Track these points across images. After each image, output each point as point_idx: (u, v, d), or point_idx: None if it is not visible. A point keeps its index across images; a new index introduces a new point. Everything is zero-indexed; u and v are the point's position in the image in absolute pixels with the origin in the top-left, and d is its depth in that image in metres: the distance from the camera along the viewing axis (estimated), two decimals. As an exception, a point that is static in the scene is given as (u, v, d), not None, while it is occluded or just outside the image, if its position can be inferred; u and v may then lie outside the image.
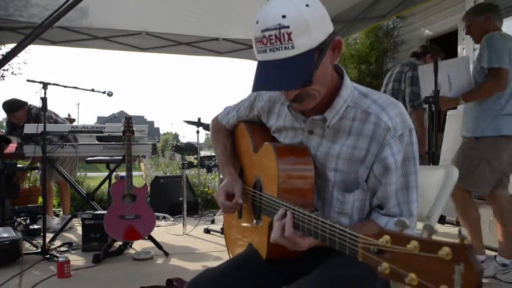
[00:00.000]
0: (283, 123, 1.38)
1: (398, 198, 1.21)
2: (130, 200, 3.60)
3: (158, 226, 4.80)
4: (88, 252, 3.70)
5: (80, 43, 5.26)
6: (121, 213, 3.55)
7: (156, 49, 5.63)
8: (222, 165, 1.58)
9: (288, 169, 1.24)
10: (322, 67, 1.14)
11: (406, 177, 1.21)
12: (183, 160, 4.81)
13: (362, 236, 0.83)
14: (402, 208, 1.21)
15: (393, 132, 1.17)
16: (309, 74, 1.09)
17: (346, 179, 1.24)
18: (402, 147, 1.18)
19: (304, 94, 1.17)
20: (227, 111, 1.65)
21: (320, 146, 1.28)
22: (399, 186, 1.21)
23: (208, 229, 4.63)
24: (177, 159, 6.23)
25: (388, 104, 1.21)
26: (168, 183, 5.96)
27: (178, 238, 4.41)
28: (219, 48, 5.73)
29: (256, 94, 1.50)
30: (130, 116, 3.86)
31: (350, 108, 1.23)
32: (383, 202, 1.24)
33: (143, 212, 3.60)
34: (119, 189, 3.60)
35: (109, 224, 3.53)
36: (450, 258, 0.64)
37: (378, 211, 1.26)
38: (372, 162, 1.21)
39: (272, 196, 1.23)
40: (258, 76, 1.13)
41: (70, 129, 4.07)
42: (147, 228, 3.64)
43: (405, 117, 1.21)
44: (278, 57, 1.08)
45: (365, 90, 1.27)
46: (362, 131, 1.21)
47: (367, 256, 0.80)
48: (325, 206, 1.28)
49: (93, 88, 3.90)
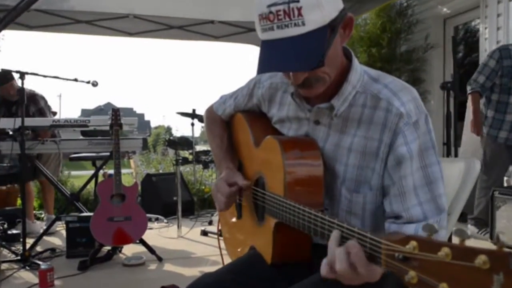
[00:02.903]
0: (286, 112, 1.38)
1: (418, 196, 1.16)
2: (119, 200, 3.60)
3: (150, 229, 4.80)
4: (73, 258, 3.70)
5: (60, 28, 5.24)
6: (109, 215, 3.56)
7: (145, 34, 5.62)
8: (218, 161, 1.57)
9: (295, 164, 1.23)
10: (333, 48, 1.13)
11: (426, 170, 1.16)
12: (176, 155, 4.81)
13: (385, 242, 0.82)
14: (425, 208, 1.15)
15: (406, 119, 1.16)
16: (322, 53, 1.08)
17: (357, 176, 1.23)
18: (417, 136, 1.16)
19: (314, 78, 1.16)
20: (224, 100, 1.65)
21: (328, 138, 1.27)
22: (418, 182, 1.16)
23: (205, 231, 4.64)
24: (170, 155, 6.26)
25: (401, 88, 1.20)
26: (161, 181, 5.96)
27: (173, 242, 4.43)
28: (215, 32, 5.71)
29: (255, 81, 1.50)
30: (118, 108, 3.85)
31: (360, 94, 1.22)
32: (398, 204, 1.17)
33: (134, 214, 3.60)
34: (107, 188, 3.60)
35: (96, 227, 3.54)
36: (487, 267, 0.63)
37: (396, 222, 1.17)
38: (386, 154, 1.18)
39: (277, 194, 1.23)
40: (264, 56, 1.12)
41: (51, 123, 4.06)
42: (138, 231, 3.64)
43: (419, 102, 1.20)
44: (287, 34, 1.07)
45: (376, 74, 1.26)
46: (373, 118, 1.20)
47: (392, 264, 0.80)
48: (334, 204, 1.28)
49: (76, 78, 3.89)
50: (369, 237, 0.88)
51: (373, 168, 1.21)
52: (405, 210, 1.16)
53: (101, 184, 3.76)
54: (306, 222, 1.09)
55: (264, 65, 1.12)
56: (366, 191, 1.23)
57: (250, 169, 1.48)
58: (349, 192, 1.24)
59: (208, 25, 5.48)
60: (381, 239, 0.84)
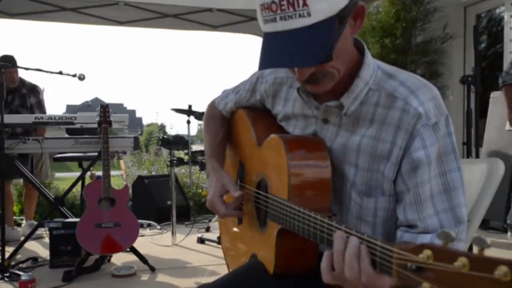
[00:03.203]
0: (292, 109, 1.38)
1: (435, 205, 1.16)
2: (108, 205, 3.60)
3: (142, 236, 4.82)
4: (57, 268, 3.70)
5: (44, 16, 5.26)
6: (97, 221, 3.56)
7: (137, 23, 5.63)
8: (206, 158, 1.59)
9: (301, 165, 1.24)
10: (343, 40, 1.13)
11: (445, 177, 1.16)
12: (171, 156, 4.81)
13: (397, 250, 0.82)
14: (443, 218, 1.15)
15: (425, 120, 1.15)
16: (329, 47, 1.08)
17: (368, 180, 1.23)
18: (436, 139, 1.16)
19: (321, 73, 1.16)
20: (226, 94, 1.66)
21: (336, 138, 1.28)
22: (436, 189, 1.16)
23: (202, 239, 4.65)
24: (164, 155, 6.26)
25: (419, 86, 1.20)
26: (154, 184, 5.99)
27: (166, 250, 4.43)
28: (213, 21, 5.72)
29: (258, 75, 1.51)
30: (107, 104, 3.86)
31: (373, 92, 1.22)
32: (413, 213, 1.17)
33: (124, 219, 3.60)
34: (95, 191, 3.60)
35: (83, 234, 3.54)
36: (509, 279, 0.63)
37: (411, 231, 1.18)
38: (400, 158, 1.18)
39: (281, 198, 1.24)
40: (266, 51, 1.12)
41: (33, 120, 4.07)
42: (129, 238, 3.64)
43: (440, 102, 1.19)
44: (290, 26, 1.07)
45: (391, 70, 1.26)
46: (386, 118, 1.19)
47: (404, 275, 0.80)
48: (343, 209, 1.29)
49: (61, 71, 3.90)
50: (380, 245, 0.88)
51: (382, 172, 1.21)
52: (421, 220, 1.16)
53: (88, 187, 3.76)
54: (311, 229, 1.09)
55: (266, 61, 1.12)
56: (378, 196, 1.23)
57: (252, 170, 1.49)
58: (360, 196, 1.24)
59: (206, 14, 5.48)
60: (393, 247, 0.84)
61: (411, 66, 6.23)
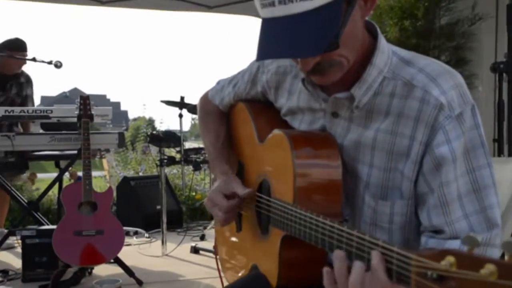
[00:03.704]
0: (297, 102, 1.40)
1: (464, 207, 1.16)
2: (89, 209, 3.60)
3: (128, 245, 4.83)
4: (31, 282, 3.71)
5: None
6: (76, 228, 3.56)
7: (121, 3, 5.62)
8: (212, 160, 1.60)
9: (307, 165, 1.25)
10: (351, 25, 1.12)
11: (473, 175, 1.16)
12: (161, 154, 4.81)
13: (416, 257, 0.82)
14: (473, 221, 1.16)
15: (448, 111, 1.16)
16: (335, 33, 1.08)
17: (384, 181, 1.24)
18: (461, 132, 1.16)
19: (327, 63, 1.16)
20: (221, 86, 1.67)
21: (348, 133, 1.29)
22: (463, 189, 1.16)
23: (196, 248, 4.66)
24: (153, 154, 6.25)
25: (440, 72, 1.20)
26: (141, 186, 6.00)
27: (156, 261, 4.44)
28: (208, 1, 5.71)
29: (259, 64, 1.52)
30: (88, 95, 3.86)
31: (388, 81, 1.23)
32: (439, 217, 1.17)
33: (107, 226, 3.60)
34: (74, 195, 3.59)
35: (60, 244, 3.53)
36: None
37: (436, 236, 1.19)
38: (421, 154, 1.19)
39: (285, 201, 1.24)
40: (264, 39, 1.12)
41: (3, 113, 4.07)
42: (113, 248, 3.64)
43: (464, 90, 1.19)
44: (291, 11, 1.06)
45: (408, 55, 1.27)
46: (404, 110, 1.20)
47: (424, 284, 0.80)
48: (355, 215, 1.30)
49: (35, 57, 3.91)
50: (396, 251, 0.88)
51: (402, 172, 1.22)
52: (448, 224, 1.17)
53: (66, 189, 3.76)
54: (319, 235, 1.09)
55: (264, 51, 1.12)
56: (395, 199, 1.23)
57: (252, 170, 1.50)
58: (374, 200, 1.25)
59: (200, -8, 5.49)
60: (411, 253, 0.84)
61: (434, 52, 6.19)
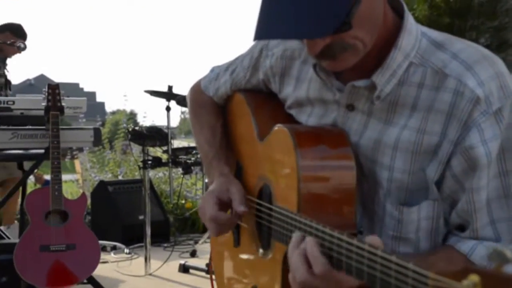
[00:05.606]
0: (306, 92, 1.34)
1: (491, 213, 1.16)
2: (59, 220, 3.46)
3: (105, 262, 4.72)
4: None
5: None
6: (43, 242, 3.39)
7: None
8: (208, 161, 1.56)
9: (314, 166, 1.22)
10: (368, 1, 1.09)
11: (506, 179, 1.15)
12: (144, 154, 4.62)
13: (434, 276, 0.78)
14: (500, 228, 1.16)
15: (484, 106, 1.12)
16: (346, 11, 1.04)
17: (408, 184, 1.20)
18: (499, 130, 1.13)
19: (339, 46, 1.11)
20: (216, 74, 1.63)
21: (366, 130, 1.24)
22: (494, 193, 1.15)
23: (185, 266, 4.55)
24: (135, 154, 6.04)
25: (478, 59, 1.15)
26: (121, 193, 5.85)
27: (138, 282, 4.33)
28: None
29: (262, 47, 1.45)
30: (57, 84, 3.66)
31: (415, 67, 1.19)
32: (466, 219, 1.18)
33: (80, 240, 3.47)
34: (40, 202, 3.45)
35: (23, 261, 3.36)
36: None
37: (458, 234, 1.21)
38: (449, 153, 1.15)
39: (288, 210, 1.20)
40: (263, 15, 1.09)
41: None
42: (87, 266, 3.51)
43: (506, 81, 1.14)
44: None
45: (440, 37, 1.22)
46: (434, 104, 1.16)
47: None
48: (375, 226, 1.26)
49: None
50: (412, 269, 0.84)
51: (424, 171, 1.18)
52: (473, 231, 1.17)
53: (31, 196, 3.65)
54: (326, 250, 1.03)
55: (262, 29, 1.09)
56: (420, 201, 1.20)
57: (252, 173, 1.47)
58: (397, 208, 1.21)
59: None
60: (428, 272, 0.80)
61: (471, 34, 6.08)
